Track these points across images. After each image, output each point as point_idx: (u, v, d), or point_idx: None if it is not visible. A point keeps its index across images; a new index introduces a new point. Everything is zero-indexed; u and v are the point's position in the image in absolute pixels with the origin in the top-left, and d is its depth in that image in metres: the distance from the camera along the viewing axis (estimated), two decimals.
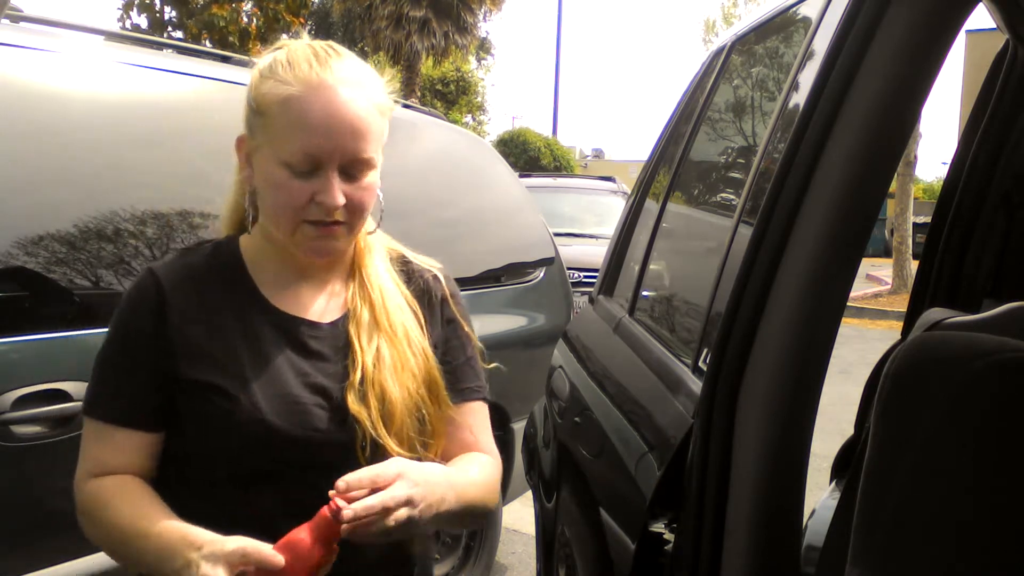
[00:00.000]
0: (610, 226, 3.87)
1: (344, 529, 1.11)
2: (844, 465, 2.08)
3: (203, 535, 1.14)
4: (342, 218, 1.24)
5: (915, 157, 14.80)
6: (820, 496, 2.04)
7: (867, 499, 1.11)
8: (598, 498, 2.10)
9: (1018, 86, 2.10)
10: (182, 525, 1.17)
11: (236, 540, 1.12)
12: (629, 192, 3.93)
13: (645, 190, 3.02)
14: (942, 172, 35.59)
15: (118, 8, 18.80)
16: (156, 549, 1.16)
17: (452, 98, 25.16)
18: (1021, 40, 2.04)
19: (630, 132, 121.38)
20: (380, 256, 1.39)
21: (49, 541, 1.93)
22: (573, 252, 7.11)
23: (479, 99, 26.96)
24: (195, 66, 2.56)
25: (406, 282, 1.40)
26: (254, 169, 1.27)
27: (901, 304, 11.53)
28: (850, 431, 2.07)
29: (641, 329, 2.35)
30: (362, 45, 23.14)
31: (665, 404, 1.80)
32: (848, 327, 10.56)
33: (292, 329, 1.30)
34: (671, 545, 1.54)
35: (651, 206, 2.86)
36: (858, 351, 8.38)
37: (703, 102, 2.57)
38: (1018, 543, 1.04)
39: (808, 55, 1.60)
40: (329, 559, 1.13)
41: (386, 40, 22.62)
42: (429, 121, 3.58)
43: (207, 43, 17.67)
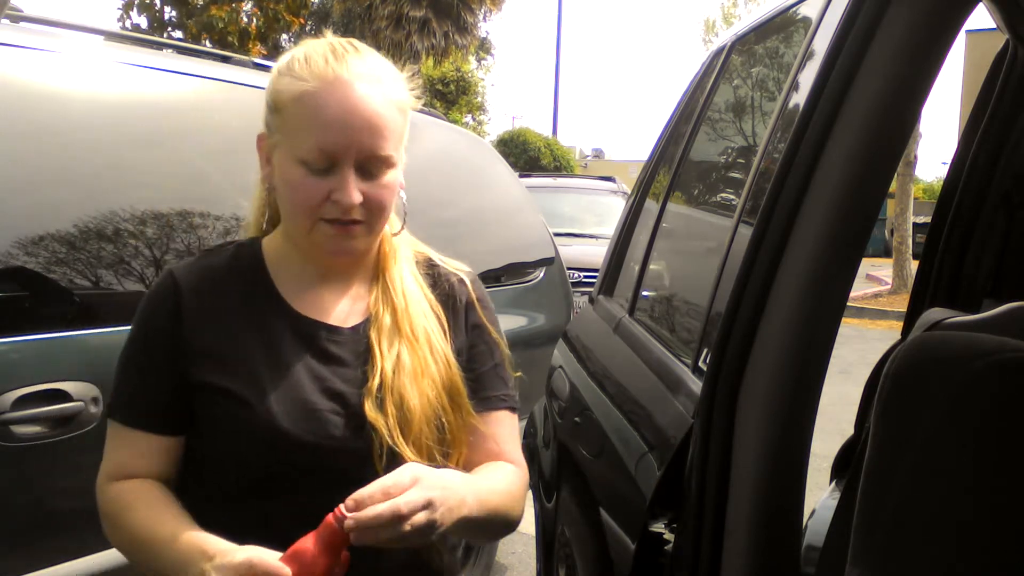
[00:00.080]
0: (610, 226, 3.87)
1: (354, 537, 1.07)
2: (844, 465, 2.08)
3: (216, 545, 1.12)
4: (360, 217, 1.21)
5: (915, 157, 14.79)
6: (820, 496, 2.04)
7: (867, 499, 1.11)
8: (598, 498, 2.10)
9: (1018, 86, 2.10)
10: (197, 534, 1.15)
11: (246, 551, 1.10)
12: (629, 192, 3.93)
13: (645, 190, 3.02)
14: (942, 172, 35.58)
15: (118, 8, 18.82)
16: (171, 557, 1.15)
17: (452, 98, 25.14)
18: (1021, 40, 2.04)
19: (630, 132, 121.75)
20: (405, 259, 1.35)
21: (49, 541, 1.93)
22: (573, 252, 7.10)
23: (479, 99, 26.93)
24: (195, 66, 2.56)
25: (431, 286, 1.36)
26: (273, 168, 1.24)
27: (901, 304, 11.53)
28: (850, 431, 2.07)
29: (641, 329, 2.35)
30: None
31: (665, 404, 1.80)
32: (848, 327, 10.55)
33: (311, 333, 1.27)
34: (671, 545, 1.54)
35: (651, 206, 2.86)
36: (858, 351, 8.38)
37: (703, 102, 2.57)
38: (1018, 543, 1.04)
39: (808, 55, 1.60)
40: (337, 567, 1.10)
41: (386, 40, 22.65)
42: (429, 121, 3.58)
43: (207, 43, 17.67)
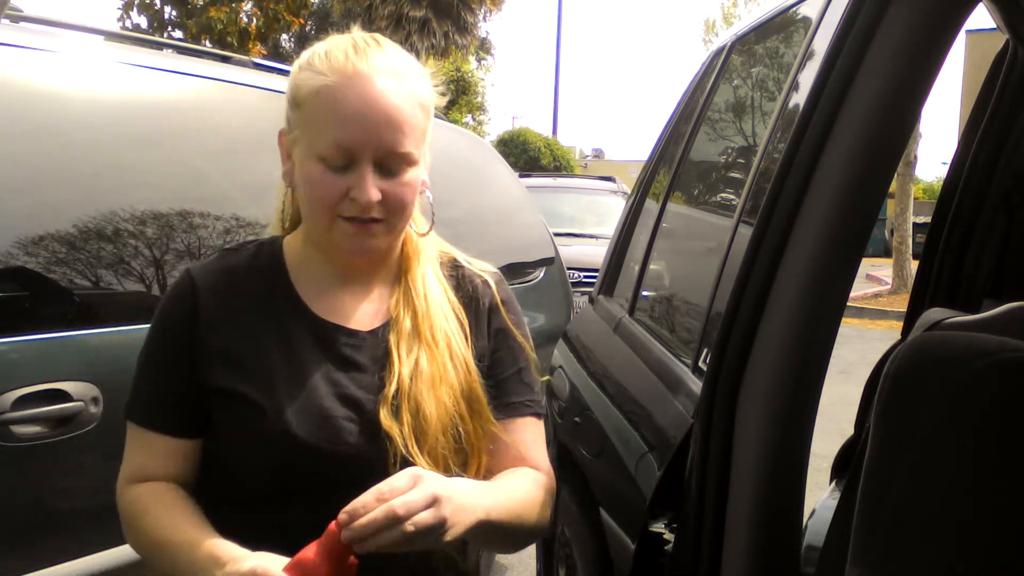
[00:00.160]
0: (610, 226, 3.87)
1: (356, 545, 1.04)
2: (844, 465, 2.08)
3: (228, 552, 1.10)
4: (379, 215, 1.18)
5: (915, 157, 14.78)
6: (820, 496, 2.04)
7: (867, 499, 1.11)
8: (598, 498, 2.10)
9: (1018, 86, 2.10)
10: (211, 539, 1.13)
11: (255, 559, 1.08)
12: (629, 192, 3.93)
13: (645, 190, 3.02)
14: (942, 172, 35.58)
15: (118, 8, 18.82)
16: (185, 562, 1.14)
17: (452, 98, 25.16)
18: (1021, 40, 2.04)
19: (630, 132, 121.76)
20: (429, 260, 1.31)
21: (49, 541, 1.93)
22: (573, 252, 7.10)
23: (479, 99, 26.95)
24: (195, 66, 2.55)
25: (455, 288, 1.32)
26: (293, 165, 1.22)
27: (901, 304, 11.52)
28: (850, 431, 2.07)
29: (641, 329, 2.35)
30: None
31: (665, 404, 1.80)
32: (848, 327, 10.55)
33: (329, 337, 1.24)
34: (671, 545, 1.54)
35: (651, 206, 2.86)
36: (858, 351, 8.37)
37: (703, 102, 2.57)
38: (1018, 543, 1.04)
39: (808, 55, 1.60)
40: (341, 575, 1.07)
41: None
42: None
43: (206, 43, 17.67)
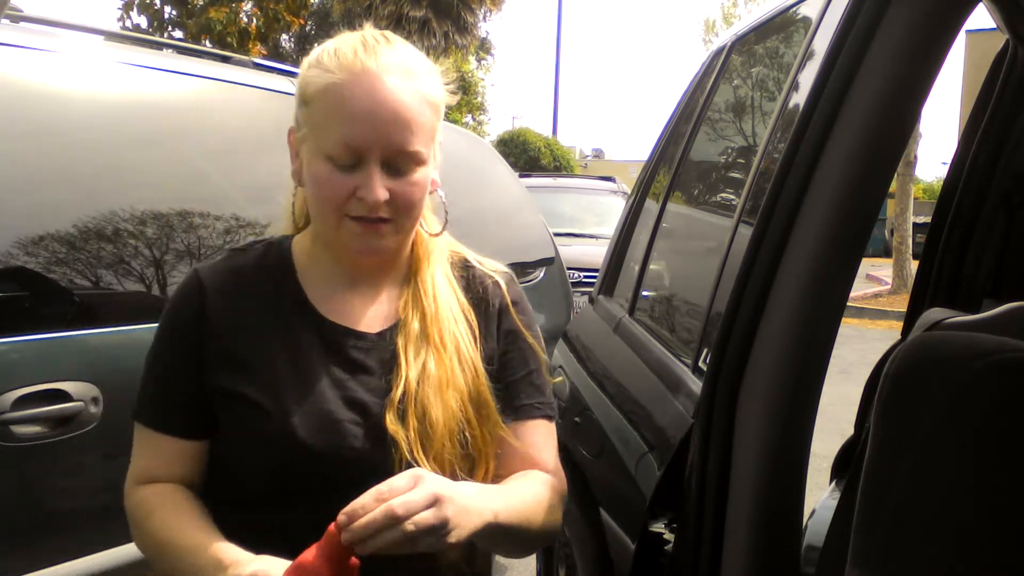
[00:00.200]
0: (610, 226, 3.87)
1: (357, 547, 1.02)
2: (844, 465, 2.08)
3: (230, 556, 1.09)
4: (387, 215, 1.16)
5: (915, 157, 14.77)
6: (820, 496, 2.04)
7: (867, 499, 1.11)
8: (598, 498, 2.10)
9: (1018, 86, 2.10)
10: (215, 543, 1.12)
11: (257, 563, 1.07)
12: (629, 192, 3.93)
13: (645, 190, 3.02)
14: (942, 172, 35.56)
15: (118, 8, 18.83)
16: (188, 565, 1.13)
17: None
18: (1021, 40, 2.04)
19: (630, 132, 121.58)
20: (439, 261, 1.30)
21: (49, 541, 1.93)
22: (573, 252, 7.10)
23: (479, 99, 26.96)
24: (195, 66, 2.55)
25: (464, 289, 1.30)
26: (301, 163, 1.20)
27: (901, 304, 11.52)
28: (850, 431, 2.07)
29: (641, 329, 2.35)
30: None
31: (665, 404, 1.80)
32: (848, 327, 10.54)
33: (336, 339, 1.22)
34: (671, 545, 1.54)
35: (651, 206, 2.86)
36: (858, 351, 8.37)
37: (703, 102, 2.57)
38: (1018, 543, 1.04)
39: (808, 55, 1.60)
40: None
41: None
42: None
43: (206, 43, 17.67)
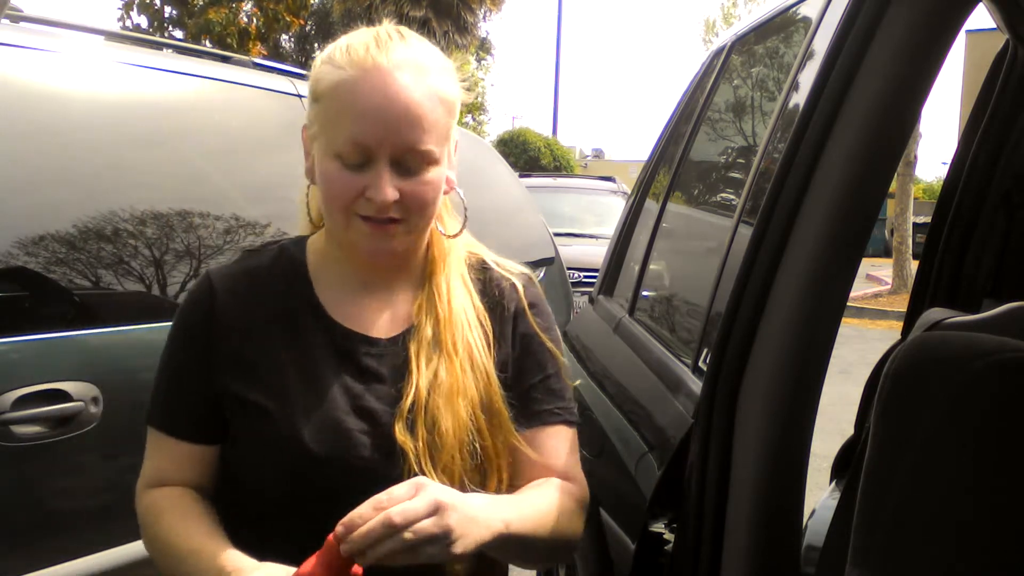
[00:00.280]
0: (610, 226, 3.87)
1: (357, 558, 1.00)
2: (844, 465, 2.08)
3: (233, 563, 1.08)
4: (397, 215, 1.13)
5: (915, 157, 14.78)
6: (820, 496, 2.04)
7: (867, 499, 1.11)
8: (598, 498, 2.09)
9: (1018, 86, 2.09)
10: (220, 549, 1.11)
11: (260, 572, 1.07)
12: (629, 192, 3.93)
13: (645, 190, 3.02)
14: (942, 172, 35.54)
15: (118, 8, 18.83)
16: (192, 571, 1.12)
17: None
18: (1021, 40, 2.04)
19: (630, 132, 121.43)
20: (456, 263, 1.26)
21: (49, 541, 1.93)
22: (573, 252, 7.10)
23: (479, 99, 26.97)
24: (195, 66, 2.55)
25: (480, 292, 1.26)
26: (313, 161, 1.18)
27: (901, 304, 11.52)
28: (850, 431, 2.07)
29: (641, 329, 2.35)
30: None
31: (665, 404, 1.80)
32: (848, 327, 10.54)
33: (347, 345, 1.19)
34: (671, 545, 1.54)
35: (651, 206, 2.86)
36: (858, 351, 8.36)
37: (703, 102, 2.57)
38: (1018, 543, 1.04)
39: (808, 55, 1.60)
40: None
41: None
42: None
43: (206, 43, 17.68)
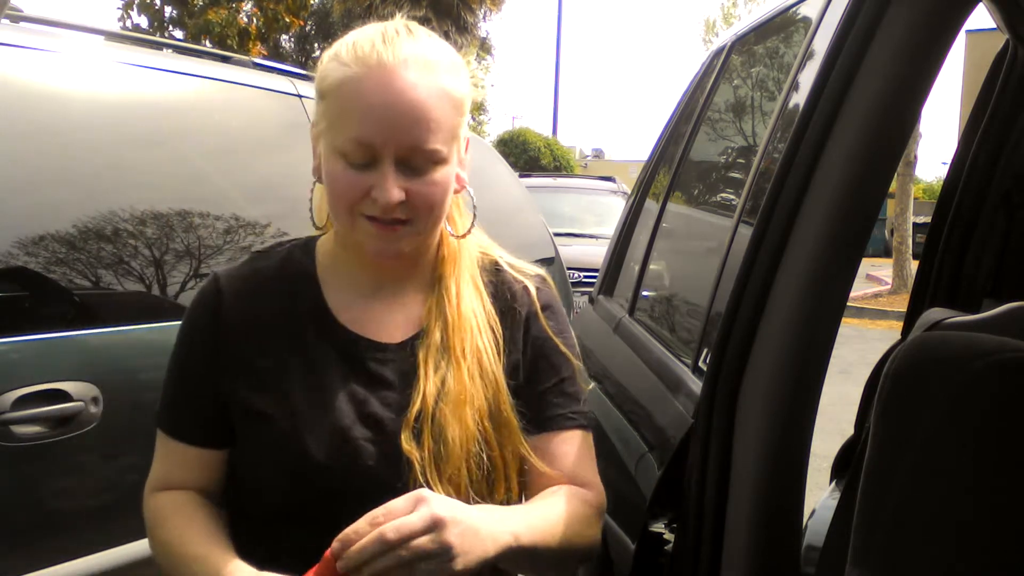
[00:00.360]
0: (610, 226, 3.87)
1: (354, 574, 0.98)
2: (844, 465, 2.08)
3: (234, 570, 1.07)
4: (404, 216, 1.10)
5: (915, 157, 14.78)
6: (820, 496, 2.04)
7: (867, 499, 1.11)
8: None
9: (1018, 86, 2.10)
10: (219, 556, 1.10)
11: None
12: (629, 192, 3.93)
13: (645, 190, 3.02)
14: (942, 172, 35.55)
15: (118, 8, 18.82)
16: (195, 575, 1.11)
17: None
18: (1021, 40, 2.04)
19: (630, 132, 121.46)
20: (468, 264, 1.23)
21: (49, 541, 1.93)
22: (573, 252, 7.10)
23: (479, 99, 27.03)
24: (195, 66, 2.55)
25: (492, 295, 1.22)
26: (319, 160, 1.15)
27: (901, 304, 11.52)
28: (850, 431, 2.07)
29: (641, 329, 2.35)
30: None
31: (665, 404, 1.80)
32: (848, 327, 10.54)
33: (354, 350, 1.17)
34: (671, 545, 1.54)
35: (651, 206, 2.86)
36: (858, 351, 8.36)
37: (703, 102, 2.57)
38: (1018, 543, 1.04)
39: (808, 55, 1.60)
40: None
41: None
42: None
43: (206, 43, 17.67)
